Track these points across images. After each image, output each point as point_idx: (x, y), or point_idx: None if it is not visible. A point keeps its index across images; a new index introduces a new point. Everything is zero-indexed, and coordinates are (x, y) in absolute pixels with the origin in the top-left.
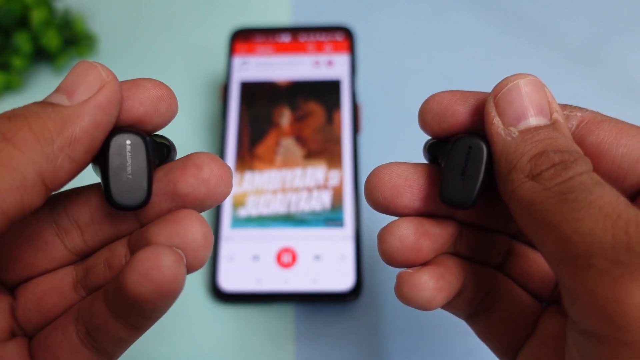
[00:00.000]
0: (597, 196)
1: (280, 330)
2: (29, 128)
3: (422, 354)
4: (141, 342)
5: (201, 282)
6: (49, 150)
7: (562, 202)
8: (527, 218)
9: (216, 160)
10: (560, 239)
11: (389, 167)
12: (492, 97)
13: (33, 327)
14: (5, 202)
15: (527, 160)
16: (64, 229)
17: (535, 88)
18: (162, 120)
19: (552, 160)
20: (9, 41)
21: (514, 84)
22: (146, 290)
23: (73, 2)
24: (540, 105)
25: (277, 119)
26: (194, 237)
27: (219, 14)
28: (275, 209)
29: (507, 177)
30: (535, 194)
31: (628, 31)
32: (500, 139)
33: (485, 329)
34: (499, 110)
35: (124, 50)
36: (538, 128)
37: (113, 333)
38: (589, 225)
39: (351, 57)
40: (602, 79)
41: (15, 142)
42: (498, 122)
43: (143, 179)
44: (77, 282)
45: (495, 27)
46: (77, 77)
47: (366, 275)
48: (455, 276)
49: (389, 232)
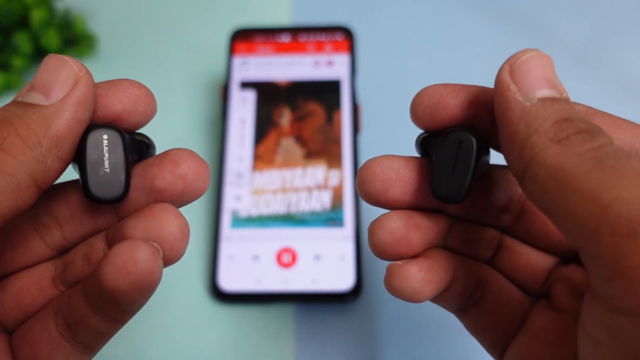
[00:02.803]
0: (637, 164)
1: (280, 330)
2: (16, 134)
3: (421, 354)
4: (141, 341)
5: (201, 282)
6: (38, 152)
7: (599, 167)
8: (552, 185)
9: (194, 157)
10: (598, 206)
11: (381, 159)
12: (507, 66)
13: (13, 323)
14: (2, 205)
15: (551, 124)
16: (44, 225)
17: (549, 63)
18: (140, 118)
19: (578, 126)
20: (9, 41)
21: (531, 55)
22: (123, 283)
23: (73, 2)
24: (553, 80)
25: (277, 119)
26: (170, 231)
27: (219, 14)
28: (275, 209)
29: (527, 142)
30: (565, 158)
31: (628, 31)
32: (519, 104)
33: (474, 322)
34: (514, 78)
35: (124, 50)
36: (555, 99)
37: (92, 326)
38: (634, 194)
39: (351, 57)
40: (602, 79)
41: (5, 148)
42: (515, 88)
43: (121, 172)
44: (56, 277)
45: (495, 27)
46: (50, 74)
47: (366, 275)
48: (444, 269)
49: (379, 225)
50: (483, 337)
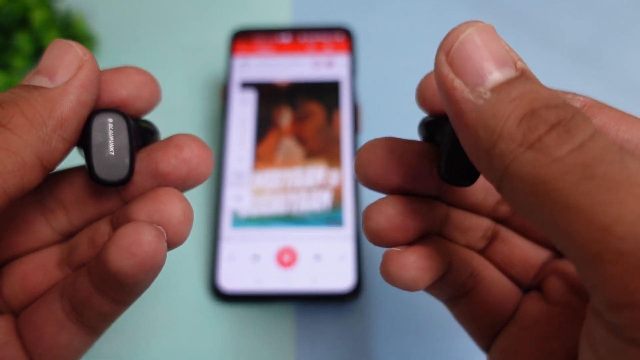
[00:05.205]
0: (635, 170)
1: (280, 330)
2: (21, 114)
3: (421, 354)
4: (141, 341)
5: (201, 282)
6: (43, 133)
7: (588, 177)
8: (535, 200)
9: (197, 141)
10: (597, 229)
11: (381, 141)
12: (443, 55)
13: (19, 305)
14: (7, 183)
15: (516, 125)
16: (49, 209)
17: (489, 35)
18: (145, 104)
19: (548, 120)
20: (10, 41)
21: (467, 34)
22: (127, 264)
23: (74, 3)
24: (501, 55)
25: (277, 119)
26: (173, 214)
27: (219, 14)
28: (275, 208)
29: (492, 150)
30: (543, 167)
31: (628, 31)
32: (470, 104)
33: (464, 312)
34: (456, 70)
35: (124, 51)
36: (510, 82)
37: (97, 308)
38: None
39: (351, 58)
40: (603, 78)
41: (11, 127)
42: (460, 84)
43: (125, 155)
44: (62, 260)
45: (496, 27)
46: (55, 58)
47: (366, 275)
48: (441, 257)
49: (375, 209)
50: (472, 327)
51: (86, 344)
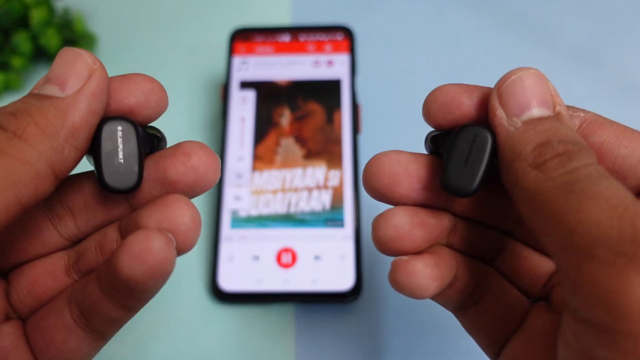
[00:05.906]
0: (603, 188)
1: (280, 330)
2: (35, 124)
3: (422, 354)
4: (141, 341)
5: (201, 282)
6: (56, 143)
7: (567, 192)
8: (531, 208)
9: (205, 149)
10: (565, 229)
11: (389, 154)
12: (495, 89)
13: (27, 310)
14: (22, 192)
15: (531, 150)
16: (58, 215)
17: (538, 81)
18: (152, 112)
19: (556, 149)
20: (9, 41)
21: (517, 76)
22: (138, 271)
23: (73, 2)
24: (543, 97)
25: (277, 119)
26: (183, 221)
27: (219, 14)
28: (275, 209)
29: (511, 167)
30: (540, 183)
31: (628, 31)
32: (504, 129)
33: (472, 321)
34: (502, 102)
35: (123, 50)
36: (541, 119)
37: (106, 313)
38: (595, 217)
39: (351, 57)
40: (603, 78)
41: (25, 138)
42: (501, 113)
43: (134, 163)
44: (70, 266)
45: (495, 27)
46: (65, 67)
47: (366, 275)
48: (449, 266)
49: (384, 220)
50: (480, 336)
51: (94, 349)
